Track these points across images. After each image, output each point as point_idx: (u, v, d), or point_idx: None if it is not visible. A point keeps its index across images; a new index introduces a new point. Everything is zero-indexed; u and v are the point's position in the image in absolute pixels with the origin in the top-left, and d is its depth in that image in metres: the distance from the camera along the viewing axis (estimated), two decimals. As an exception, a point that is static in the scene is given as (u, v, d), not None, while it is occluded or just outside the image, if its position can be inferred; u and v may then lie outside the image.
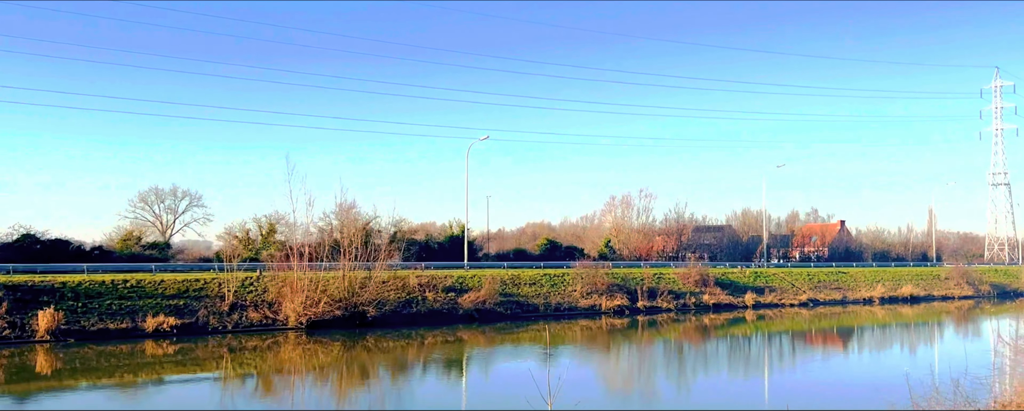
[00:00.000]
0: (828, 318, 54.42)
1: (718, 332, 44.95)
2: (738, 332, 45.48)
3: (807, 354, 36.49)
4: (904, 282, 69.13)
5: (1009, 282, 78.42)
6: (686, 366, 32.68)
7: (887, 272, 73.00)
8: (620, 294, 52.05)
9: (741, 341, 41.32)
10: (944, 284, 72.86)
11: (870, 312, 59.64)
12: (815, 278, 66.29)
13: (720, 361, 34.08)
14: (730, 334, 44.20)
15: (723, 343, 40.32)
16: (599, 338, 41.17)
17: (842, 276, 68.58)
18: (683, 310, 53.81)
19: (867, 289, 66.05)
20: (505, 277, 50.67)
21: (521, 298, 48.51)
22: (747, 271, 64.30)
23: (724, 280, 60.17)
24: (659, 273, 58.59)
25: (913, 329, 49.24)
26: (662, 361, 34.12)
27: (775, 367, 32.14)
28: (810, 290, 63.39)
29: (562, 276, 53.27)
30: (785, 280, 64.05)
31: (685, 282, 57.51)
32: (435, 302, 44.58)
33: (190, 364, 30.08)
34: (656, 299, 53.38)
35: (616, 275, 55.24)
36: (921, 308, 63.21)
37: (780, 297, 59.48)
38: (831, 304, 62.11)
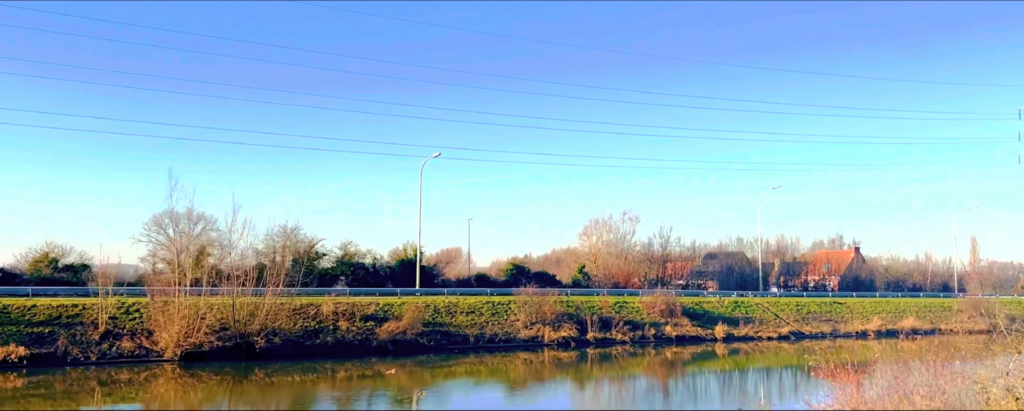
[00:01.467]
0: (807, 354, 49.10)
1: (663, 369, 40.27)
2: (691, 369, 40.65)
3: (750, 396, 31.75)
4: (907, 314, 63.08)
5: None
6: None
7: (890, 303, 66.99)
8: (569, 324, 47.64)
9: (686, 380, 36.57)
10: (955, 317, 66.44)
11: (863, 347, 54.01)
12: (805, 309, 60.77)
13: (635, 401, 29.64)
14: (677, 372, 39.43)
15: (658, 381, 35.70)
16: (519, 373, 36.87)
17: (837, 307, 62.90)
18: (641, 342, 49.10)
19: (861, 321, 60.26)
20: (440, 305, 46.71)
21: (451, 328, 44.42)
22: (727, 300, 59.16)
23: (697, 310, 55.23)
24: (622, 302, 53.96)
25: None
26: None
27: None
28: (795, 322, 57.96)
29: (507, 304, 49.09)
30: (769, 311, 58.72)
31: (650, 312, 52.79)
32: (348, 332, 40.84)
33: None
34: (611, 330, 48.80)
35: (571, 303, 50.85)
36: (922, 343, 57.24)
37: (757, 330, 54.23)
38: (818, 338, 56.54)
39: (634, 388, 33.99)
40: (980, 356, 30.57)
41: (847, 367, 20.42)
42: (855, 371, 20.25)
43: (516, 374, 36.75)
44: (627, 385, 34.91)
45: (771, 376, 40.36)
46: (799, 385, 36.71)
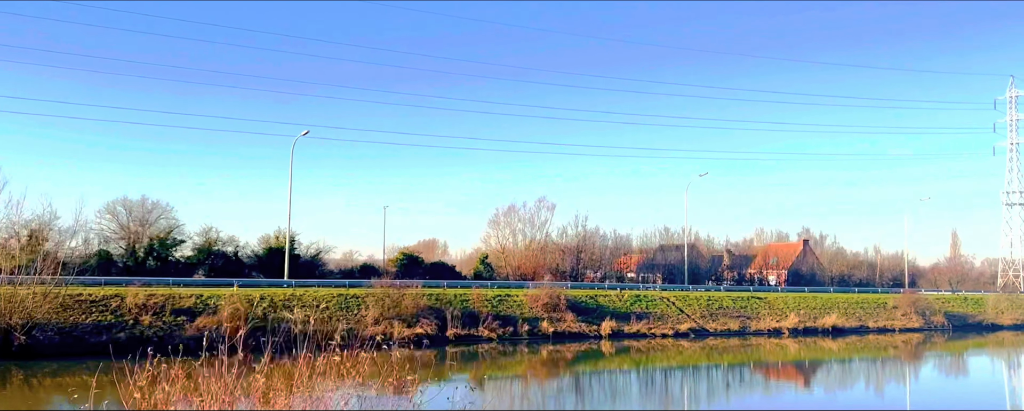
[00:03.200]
0: (701, 353, 44.43)
1: (507, 368, 35.47)
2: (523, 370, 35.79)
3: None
4: (831, 311, 58.21)
5: (974, 312, 66.55)
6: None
7: (818, 298, 62.11)
8: (429, 320, 42.88)
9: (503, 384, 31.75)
10: (889, 314, 61.62)
11: (776, 346, 49.35)
12: (716, 304, 55.91)
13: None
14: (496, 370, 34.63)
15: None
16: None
17: (754, 302, 58.02)
18: (512, 340, 44.35)
19: (775, 318, 55.42)
20: (278, 297, 41.97)
21: (280, 324, 39.62)
22: (628, 294, 54.32)
23: (588, 304, 50.42)
24: (503, 295, 49.18)
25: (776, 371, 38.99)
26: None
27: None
28: (701, 318, 53.14)
29: (364, 298, 44.31)
30: (673, 306, 53.88)
31: (532, 306, 48.04)
32: (151, 328, 36.13)
33: None
34: (478, 326, 44.04)
35: (442, 297, 46.06)
36: (842, 343, 52.52)
37: (651, 326, 49.43)
38: (723, 335, 51.76)
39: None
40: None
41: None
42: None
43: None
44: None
45: (598, 379, 35.52)
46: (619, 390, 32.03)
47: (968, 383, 37.04)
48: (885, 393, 33.17)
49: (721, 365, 40.32)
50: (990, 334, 61.65)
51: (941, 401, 29.80)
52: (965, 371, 41.70)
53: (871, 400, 31.06)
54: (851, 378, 37.86)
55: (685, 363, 41.06)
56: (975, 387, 35.27)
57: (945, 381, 37.46)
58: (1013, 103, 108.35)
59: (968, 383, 37.04)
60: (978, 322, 64.70)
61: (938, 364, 44.53)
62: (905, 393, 33.43)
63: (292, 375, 11.72)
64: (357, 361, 14.40)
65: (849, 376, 38.62)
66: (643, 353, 44.02)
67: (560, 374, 36.03)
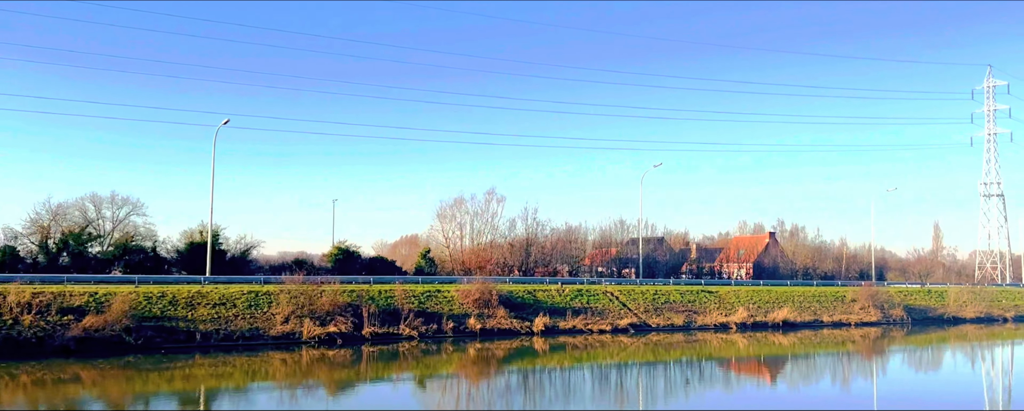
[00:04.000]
0: (642, 349, 42.20)
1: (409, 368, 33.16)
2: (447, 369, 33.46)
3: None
4: (783, 305, 56.14)
5: (935, 306, 64.62)
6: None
7: (773, 291, 60.00)
8: (346, 318, 40.57)
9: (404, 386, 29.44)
10: (846, 307, 59.60)
11: (722, 341, 47.15)
12: (663, 298, 53.75)
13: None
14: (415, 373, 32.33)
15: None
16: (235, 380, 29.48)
17: (704, 296, 55.88)
18: (436, 338, 42.07)
19: (723, 313, 53.29)
20: (181, 295, 39.53)
21: (179, 323, 37.28)
22: (569, 288, 52.07)
23: (525, 300, 48.18)
24: (434, 291, 46.89)
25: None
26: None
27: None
28: (644, 313, 50.97)
29: (276, 295, 41.91)
30: (616, 300, 51.69)
31: (463, 302, 45.80)
32: (30, 328, 33.71)
33: None
34: (399, 324, 41.74)
35: (365, 293, 43.68)
36: (794, 337, 50.43)
37: (588, 322, 47.21)
38: (666, 331, 49.61)
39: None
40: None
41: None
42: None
43: (232, 381, 29.59)
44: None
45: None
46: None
47: (926, 380, 34.96)
48: (851, 389, 31.05)
49: (668, 361, 38.20)
50: (951, 327, 59.69)
51: (900, 399, 27.71)
52: (918, 366, 39.60)
53: (835, 398, 28.87)
54: (805, 374, 35.72)
55: (625, 360, 38.81)
56: (936, 383, 33.20)
57: (901, 378, 35.37)
58: (991, 93, 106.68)
59: (926, 380, 34.96)
60: (939, 315, 62.76)
61: (884, 359, 42.41)
62: (867, 389, 31.30)
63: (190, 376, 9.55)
64: (265, 361, 12.62)
65: (801, 372, 36.46)
66: (579, 350, 41.79)
67: (495, 372, 33.78)
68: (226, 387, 28.34)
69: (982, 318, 64.18)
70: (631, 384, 31.46)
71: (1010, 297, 71.56)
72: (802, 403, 26.59)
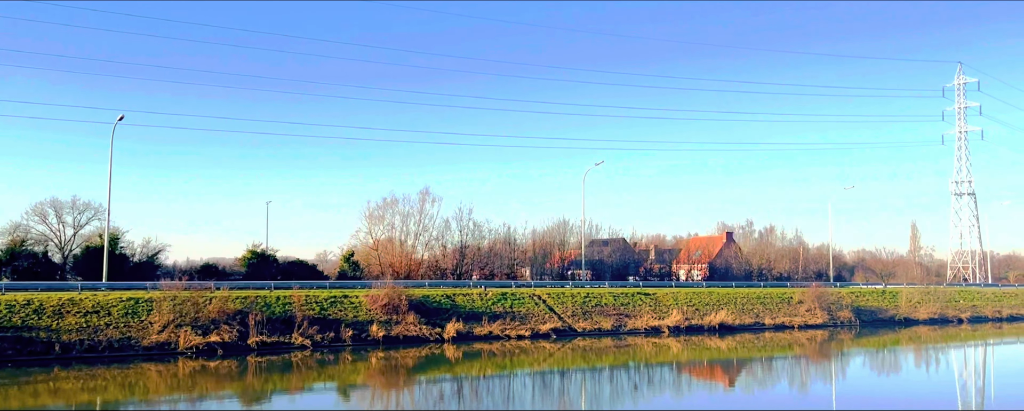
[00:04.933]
0: (565, 355, 39.47)
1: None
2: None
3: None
4: (720, 307, 53.53)
5: (887, 307, 62.19)
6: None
7: (712, 293, 57.36)
8: (232, 326, 37.57)
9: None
10: (791, 309, 57.07)
11: (653, 345, 44.51)
12: (593, 301, 51.01)
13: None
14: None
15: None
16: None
17: (639, 298, 53.16)
18: (334, 346, 39.13)
19: (656, 316, 50.61)
20: (51, 303, 36.44)
21: (39, 333, 34.18)
22: (493, 292, 49.23)
23: (442, 304, 45.31)
24: (339, 296, 43.95)
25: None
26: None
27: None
28: (571, 317, 48.23)
29: (160, 301, 38.76)
30: (540, 304, 48.92)
31: (372, 307, 42.88)
32: None
33: None
34: (292, 332, 38.78)
35: (261, 300, 40.73)
36: (732, 341, 47.84)
37: (506, 327, 44.40)
38: (594, 335, 46.90)
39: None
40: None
41: None
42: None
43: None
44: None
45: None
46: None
47: (871, 385, 32.38)
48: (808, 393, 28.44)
49: (594, 368, 35.46)
50: (903, 329, 57.27)
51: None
52: (858, 371, 37.02)
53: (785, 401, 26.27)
54: (748, 378, 33.08)
55: (538, 367, 36.04)
56: (883, 388, 30.62)
57: (841, 384, 32.76)
58: (961, 91, 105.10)
59: (871, 385, 32.38)
60: (891, 316, 60.33)
61: (816, 364, 39.82)
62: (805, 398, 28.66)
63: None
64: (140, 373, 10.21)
65: (744, 376, 33.81)
66: (497, 357, 39.04)
67: (392, 383, 30.96)
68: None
69: (935, 319, 61.81)
70: (585, 388, 28.96)
71: (968, 297, 69.32)
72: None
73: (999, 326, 62.76)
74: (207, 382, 30.72)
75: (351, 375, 33.49)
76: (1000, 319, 65.97)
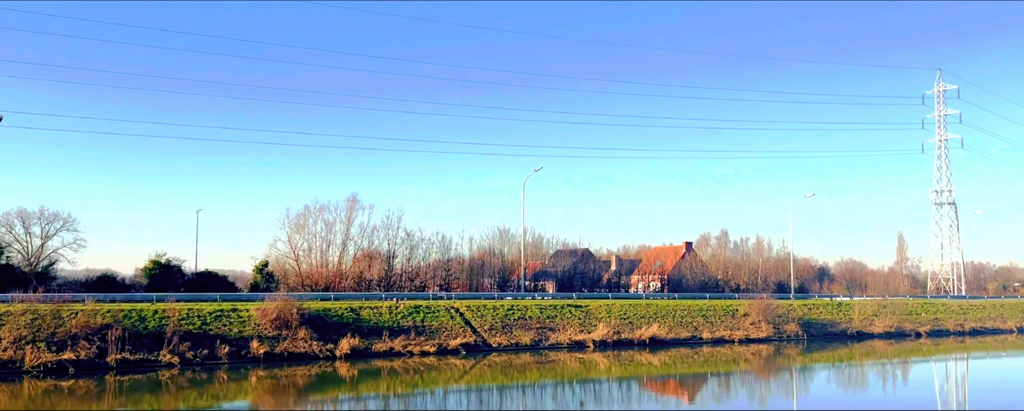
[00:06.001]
0: (452, 375, 36.17)
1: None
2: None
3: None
4: (654, 320, 50.30)
5: (839, 320, 58.92)
6: None
7: (651, 305, 54.06)
8: (90, 343, 34.23)
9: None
10: (735, 323, 53.84)
11: (577, 361, 41.28)
12: (516, 314, 47.74)
13: None
14: None
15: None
16: None
17: (569, 311, 49.89)
18: (208, 364, 35.81)
19: (581, 330, 47.37)
20: None
21: None
22: (405, 304, 45.92)
23: (344, 318, 42.03)
24: (228, 309, 40.66)
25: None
26: None
27: None
28: (488, 331, 44.98)
29: (6, 315, 35.39)
30: (456, 318, 45.65)
31: (262, 322, 39.61)
32: None
33: None
34: (160, 349, 35.44)
35: (135, 314, 37.45)
36: (664, 356, 44.63)
37: (408, 343, 41.10)
38: (510, 351, 43.64)
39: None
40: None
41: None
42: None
43: None
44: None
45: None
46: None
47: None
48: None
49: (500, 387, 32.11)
50: (856, 344, 54.00)
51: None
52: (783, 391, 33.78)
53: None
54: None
55: (431, 387, 32.74)
56: None
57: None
58: (941, 98, 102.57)
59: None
60: (842, 331, 57.04)
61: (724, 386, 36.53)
62: None
63: None
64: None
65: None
66: (398, 376, 35.69)
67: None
68: None
69: (892, 333, 58.51)
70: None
71: (931, 310, 66.08)
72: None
73: (961, 340, 59.62)
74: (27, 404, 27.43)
75: (201, 398, 30.16)
76: (963, 333, 62.74)
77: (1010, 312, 70.55)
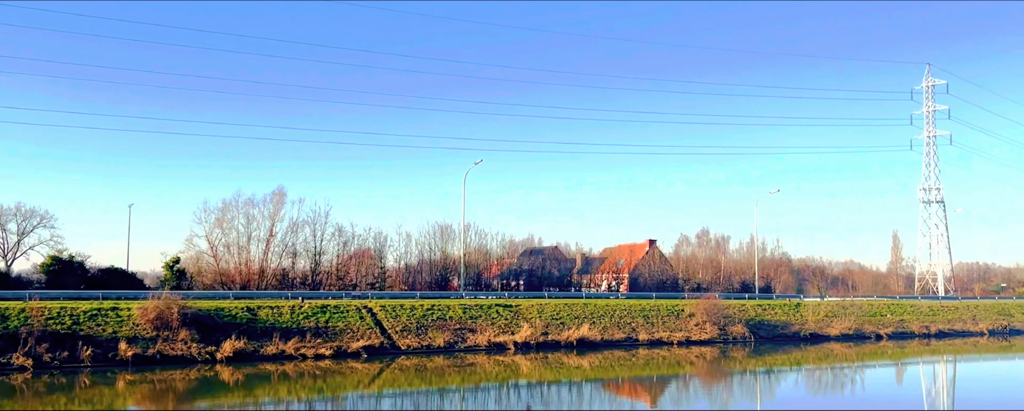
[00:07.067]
0: (342, 381, 33.10)
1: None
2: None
3: None
4: (585, 321, 47.20)
5: (792, 321, 55.67)
6: None
7: (588, 305, 50.89)
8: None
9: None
10: (678, 324, 50.70)
11: (496, 364, 38.27)
12: (436, 314, 44.64)
13: None
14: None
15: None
16: None
17: (494, 310, 46.78)
18: (68, 368, 32.81)
19: (503, 331, 44.25)
20: None
21: None
22: (312, 304, 42.83)
23: (239, 318, 39.01)
24: (107, 308, 37.66)
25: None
26: None
27: None
28: (400, 332, 41.91)
29: None
30: (366, 319, 42.57)
31: (141, 321, 36.62)
32: None
33: None
34: (15, 351, 32.46)
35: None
36: (593, 359, 41.56)
37: (302, 346, 38.00)
38: (421, 353, 40.59)
39: None
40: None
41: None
42: None
43: None
44: None
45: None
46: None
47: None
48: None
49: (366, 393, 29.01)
50: (810, 346, 50.79)
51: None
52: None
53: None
54: None
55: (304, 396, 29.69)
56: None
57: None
58: (930, 93, 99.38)
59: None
60: (795, 332, 53.81)
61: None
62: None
63: None
64: None
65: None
66: (290, 381, 32.64)
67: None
68: None
69: (850, 335, 55.22)
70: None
71: (898, 311, 62.77)
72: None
73: (926, 343, 56.41)
74: None
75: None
76: (928, 335, 59.41)
77: (983, 314, 67.21)
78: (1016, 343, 58.27)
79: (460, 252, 57.61)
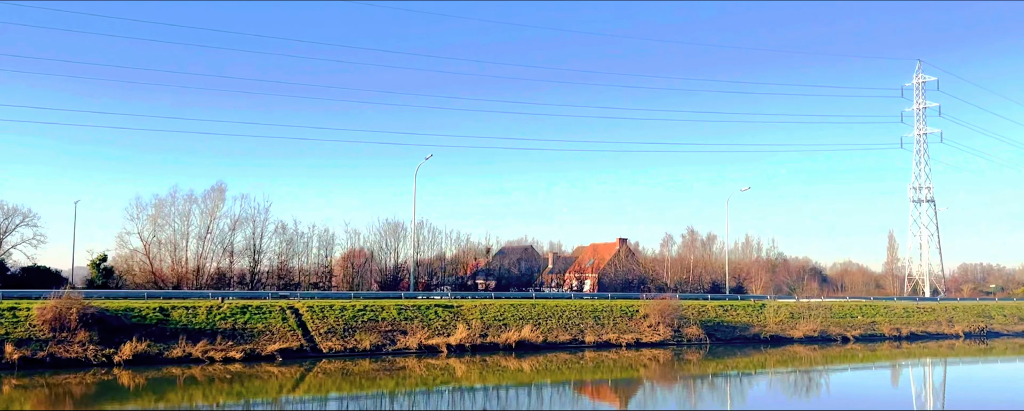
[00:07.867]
0: (241, 387, 30.93)
1: None
2: None
3: None
4: (526, 322, 44.97)
5: (752, 323, 53.32)
6: None
7: (537, 306, 48.57)
8: None
9: None
10: (629, 324, 48.43)
11: (426, 367, 36.13)
12: (366, 316, 42.38)
13: None
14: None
15: None
16: None
17: (433, 311, 44.55)
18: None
19: (435, 333, 42.01)
20: None
21: None
22: (230, 304, 40.58)
23: (148, 320, 36.82)
24: (4, 308, 35.53)
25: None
26: None
27: None
28: (325, 335, 39.69)
29: None
30: (289, 320, 40.35)
31: (41, 321, 34.47)
32: None
33: None
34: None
35: None
36: (532, 362, 39.36)
37: (210, 348, 35.75)
38: (344, 356, 38.44)
39: None
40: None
41: None
42: None
43: None
44: None
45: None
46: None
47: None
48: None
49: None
50: (770, 349, 48.50)
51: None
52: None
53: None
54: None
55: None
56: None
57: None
58: (920, 90, 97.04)
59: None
60: (754, 334, 51.49)
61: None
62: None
63: None
64: None
65: None
66: (199, 386, 30.53)
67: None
68: None
69: (815, 338, 52.87)
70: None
71: (869, 313, 60.35)
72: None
73: (897, 345, 54.07)
74: None
75: None
76: (899, 338, 57.00)
77: (961, 316, 64.72)
78: (994, 346, 55.89)
79: (411, 251, 55.33)
